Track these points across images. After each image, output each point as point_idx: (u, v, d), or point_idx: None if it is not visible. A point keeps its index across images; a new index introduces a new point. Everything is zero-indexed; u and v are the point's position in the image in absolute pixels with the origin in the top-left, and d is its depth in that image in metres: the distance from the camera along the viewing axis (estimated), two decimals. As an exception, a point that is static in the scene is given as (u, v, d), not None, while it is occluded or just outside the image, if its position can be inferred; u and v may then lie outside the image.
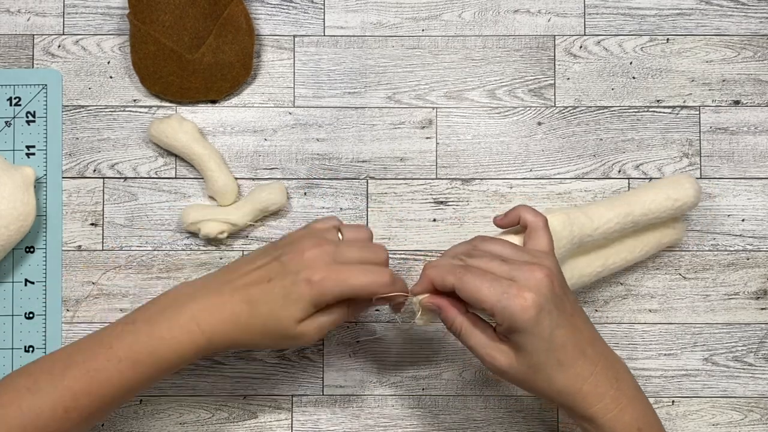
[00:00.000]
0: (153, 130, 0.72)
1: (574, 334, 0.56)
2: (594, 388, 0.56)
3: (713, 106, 0.74)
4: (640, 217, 0.68)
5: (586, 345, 0.56)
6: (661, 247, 0.71)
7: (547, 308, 0.54)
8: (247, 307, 0.58)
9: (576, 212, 0.66)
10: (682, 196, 0.68)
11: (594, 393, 0.56)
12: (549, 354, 0.55)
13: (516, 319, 0.54)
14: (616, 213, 0.67)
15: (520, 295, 0.54)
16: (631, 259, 0.70)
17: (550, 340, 0.55)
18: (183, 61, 0.72)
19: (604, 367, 0.57)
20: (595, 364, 0.56)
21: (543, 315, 0.54)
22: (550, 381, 0.56)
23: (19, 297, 0.72)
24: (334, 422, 0.72)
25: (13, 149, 0.73)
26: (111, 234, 0.73)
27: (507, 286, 0.54)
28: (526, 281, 0.54)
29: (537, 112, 0.74)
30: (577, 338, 0.56)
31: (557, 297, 0.55)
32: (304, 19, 0.74)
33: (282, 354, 0.72)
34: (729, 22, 0.74)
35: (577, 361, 0.56)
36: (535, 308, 0.54)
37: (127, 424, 0.71)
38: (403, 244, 0.73)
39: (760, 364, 0.72)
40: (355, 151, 0.73)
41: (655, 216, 0.68)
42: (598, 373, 0.56)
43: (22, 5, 0.74)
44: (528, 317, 0.54)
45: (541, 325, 0.54)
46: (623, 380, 0.58)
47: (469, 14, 0.74)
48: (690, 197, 0.68)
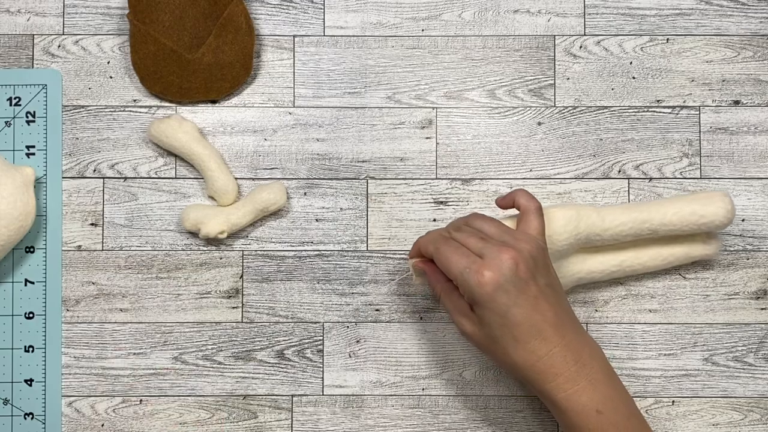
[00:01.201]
0: (153, 130, 0.72)
1: (533, 314, 0.59)
2: (548, 367, 0.59)
3: (713, 106, 0.74)
4: (659, 227, 0.67)
5: (547, 326, 0.59)
6: (690, 260, 0.70)
7: (504, 287, 0.58)
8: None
9: (588, 209, 0.67)
10: (709, 213, 0.66)
11: (548, 371, 0.59)
12: (504, 329, 0.59)
13: (473, 293, 0.59)
14: (631, 218, 0.67)
15: (479, 272, 0.59)
16: (653, 266, 0.70)
17: (505, 316, 0.59)
18: (183, 61, 0.72)
19: (564, 349, 0.59)
20: (553, 345, 0.59)
21: (499, 293, 0.58)
22: (506, 354, 0.60)
23: (19, 297, 0.72)
24: (334, 422, 0.72)
25: (13, 149, 0.73)
26: (111, 234, 0.73)
27: (471, 262, 0.59)
28: (491, 260, 0.59)
29: (537, 112, 0.74)
30: (536, 319, 0.59)
31: (519, 279, 0.59)
32: (304, 19, 0.74)
33: (282, 354, 0.72)
34: (729, 22, 0.74)
35: (532, 340, 0.59)
36: (491, 285, 0.58)
37: (127, 424, 0.71)
38: (403, 244, 0.73)
39: (760, 364, 0.72)
40: (355, 151, 0.73)
41: (677, 229, 0.67)
42: (555, 353, 0.59)
43: (22, 5, 0.74)
44: (483, 292, 0.59)
45: (496, 302, 0.59)
46: (586, 364, 0.60)
47: (469, 14, 0.74)
48: (719, 216, 0.66)
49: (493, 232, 0.62)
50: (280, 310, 0.72)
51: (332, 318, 0.72)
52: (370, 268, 0.72)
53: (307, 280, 0.72)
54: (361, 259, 0.72)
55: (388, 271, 0.72)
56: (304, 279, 0.72)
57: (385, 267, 0.72)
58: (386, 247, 0.73)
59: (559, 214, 0.66)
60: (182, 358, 0.72)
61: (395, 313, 0.72)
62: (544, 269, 0.61)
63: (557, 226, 0.65)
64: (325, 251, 0.73)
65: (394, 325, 0.72)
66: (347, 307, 0.72)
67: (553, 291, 0.61)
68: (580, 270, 0.68)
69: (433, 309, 0.72)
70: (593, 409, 0.59)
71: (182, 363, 0.72)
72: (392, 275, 0.72)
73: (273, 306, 0.72)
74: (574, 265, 0.69)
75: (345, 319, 0.72)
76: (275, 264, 0.72)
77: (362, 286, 0.72)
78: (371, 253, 0.73)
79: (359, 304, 0.72)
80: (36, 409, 0.71)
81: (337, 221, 0.73)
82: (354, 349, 0.72)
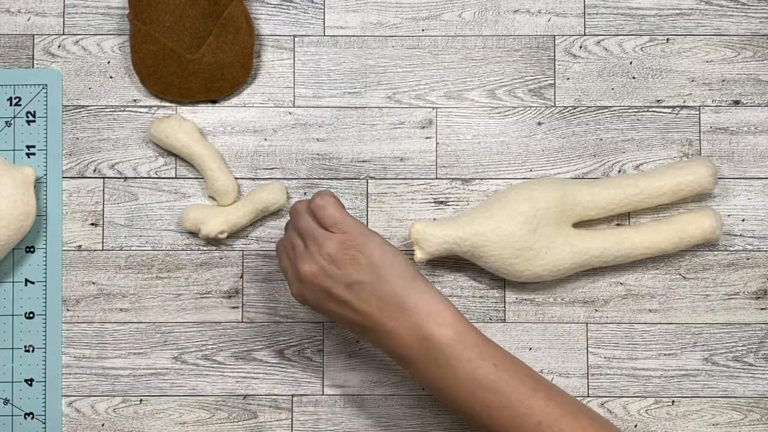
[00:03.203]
0: (153, 130, 0.72)
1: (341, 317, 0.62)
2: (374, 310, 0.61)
3: (713, 106, 0.74)
4: (644, 188, 0.69)
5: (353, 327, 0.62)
6: (694, 239, 0.70)
7: (305, 296, 0.63)
8: None
9: (573, 181, 0.70)
10: (693, 170, 0.70)
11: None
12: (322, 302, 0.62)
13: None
14: (616, 182, 0.70)
15: (291, 283, 0.63)
16: (653, 247, 0.70)
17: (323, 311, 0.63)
18: (183, 61, 0.72)
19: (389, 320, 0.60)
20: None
21: (304, 298, 0.63)
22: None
23: (19, 297, 0.72)
24: (334, 422, 0.72)
25: (13, 149, 0.73)
26: (111, 234, 0.73)
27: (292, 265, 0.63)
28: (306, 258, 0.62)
29: (537, 112, 0.74)
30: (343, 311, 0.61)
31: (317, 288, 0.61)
32: (304, 19, 0.74)
33: (282, 354, 0.72)
34: (729, 22, 0.74)
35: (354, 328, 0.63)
36: (297, 296, 0.63)
37: (127, 424, 0.71)
38: (403, 244, 0.72)
39: (760, 364, 0.72)
40: (355, 151, 0.73)
41: (663, 188, 0.69)
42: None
43: (22, 5, 0.74)
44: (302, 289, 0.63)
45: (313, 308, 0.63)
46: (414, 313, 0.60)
47: (469, 14, 0.74)
48: (704, 175, 0.69)
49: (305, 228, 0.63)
50: (280, 310, 0.72)
51: (332, 318, 0.72)
52: (370, 268, 0.72)
53: (307, 280, 0.72)
54: (361, 259, 0.72)
55: (388, 271, 0.72)
56: (304, 279, 0.72)
57: (385, 267, 0.72)
58: (386, 247, 0.73)
59: (542, 185, 0.69)
60: (182, 358, 0.72)
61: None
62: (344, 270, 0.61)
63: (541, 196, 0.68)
64: (325, 251, 0.72)
65: (394, 325, 0.72)
66: (347, 307, 0.72)
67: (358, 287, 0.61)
68: (578, 251, 0.68)
69: (433, 309, 0.72)
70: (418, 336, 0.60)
71: (182, 363, 0.72)
72: None
73: (273, 306, 0.72)
74: (571, 246, 0.68)
75: (345, 319, 0.72)
76: (275, 264, 0.72)
77: (362, 286, 0.72)
78: (371, 253, 0.72)
79: (359, 304, 0.72)
80: (36, 409, 0.71)
81: (337, 221, 0.73)
82: (354, 349, 0.72)
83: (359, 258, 0.61)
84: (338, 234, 0.61)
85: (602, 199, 0.69)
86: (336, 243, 0.61)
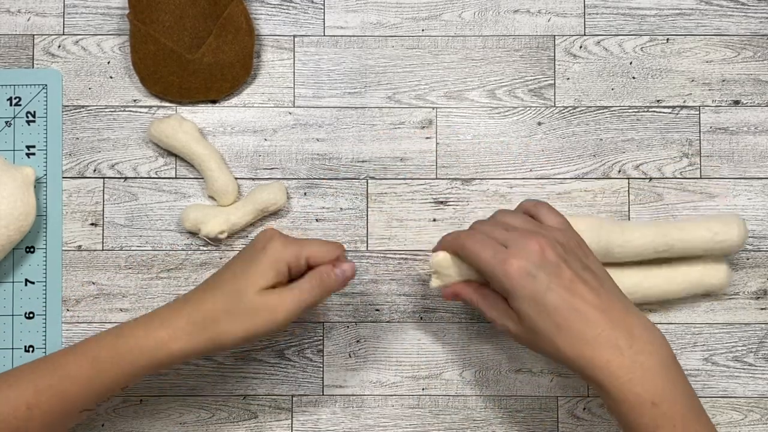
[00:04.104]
0: (153, 130, 0.72)
1: (571, 298, 0.57)
2: (598, 353, 0.56)
3: (713, 106, 0.74)
4: (676, 242, 0.67)
5: (589, 308, 0.56)
6: (703, 288, 0.70)
7: (533, 273, 0.57)
8: (210, 287, 0.61)
9: (610, 221, 0.68)
10: (723, 231, 0.68)
11: (598, 357, 0.56)
12: (544, 317, 0.57)
13: (502, 284, 0.58)
14: (651, 231, 0.67)
15: (506, 261, 0.57)
16: (669, 291, 0.69)
17: (542, 303, 0.57)
18: (183, 61, 0.72)
19: (612, 330, 0.56)
20: (600, 328, 0.56)
21: (528, 280, 0.57)
22: (552, 344, 0.57)
23: (19, 297, 0.72)
24: (334, 422, 0.72)
25: (13, 149, 0.73)
26: (111, 234, 0.73)
27: (497, 252, 0.58)
28: (516, 248, 0.58)
29: (537, 112, 0.74)
30: (575, 302, 0.56)
31: (550, 263, 0.57)
32: (304, 19, 0.74)
33: (282, 354, 0.72)
34: (729, 22, 0.74)
35: (575, 324, 0.56)
36: (519, 273, 0.57)
37: (127, 424, 0.71)
38: (403, 244, 0.73)
39: (760, 364, 0.72)
40: (355, 151, 0.73)
41: (693, 246, 0.68)
42: (603, 336, 0.56)
43: (22, 5, 0.74)
44: (512, 281, 0.57)
45: (527, 289, 0.57)
46: (641, 350, 0.56)
47: (469, 14, 0.74)
48: (733, 236, 0.68)
49: (518, 223, 0.61)
50: (280, 310, 0.72)
51: (332, 318, 0.72)
52: (370, 268, 0.72)
53: (307, 280, 0.72)
54: (361, 259, 0.72)
55: (388, 271, 0.72)
56: (304, 279, 0.72)
57: (385, 267, 0.72)
58: (386, 247, 0.73)
59: (581, 222, 0.66)
60: (182, 358, 0.72)
61: (395, 313, 0.72)
62: (575, 253, 0.59)
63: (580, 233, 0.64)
64: (325, 251, 0.73)
65: (394, 325, 0.72)
66: (347, 307, 0.72)
67: (591, 274, 0.59)
68: None
69: (433, 309, 0.72)
70: (648, 401, 0.55)
71: (183, 363, 0.72)
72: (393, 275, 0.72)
73: (273, 306, 0.72)
74: None
75: (345, 319, 0.72)
76: (275, 264, 0.72)
77: (362, 286, 0.72)
78: (371, 253, 0.73)
79: (359, 304, 0.72)
80: (36, 409, 0.71)
81: (337, 221, 0.73)
82: (354, 349, 0.72)
83: (589, 254, 0.60)
84: (563, 228, 0.61)
85: (632, 249, 0.67)
86: (567, 235, 0.60)
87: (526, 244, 0.58)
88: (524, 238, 0.58)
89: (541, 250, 0.58)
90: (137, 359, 0.59)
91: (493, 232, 0.60)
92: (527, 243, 0.58)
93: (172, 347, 0.59)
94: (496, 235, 0.60)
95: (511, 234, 0.59)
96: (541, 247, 0.58)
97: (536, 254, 0.57)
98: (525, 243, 0.58)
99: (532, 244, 0.58)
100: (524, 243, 0.58)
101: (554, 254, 0.58)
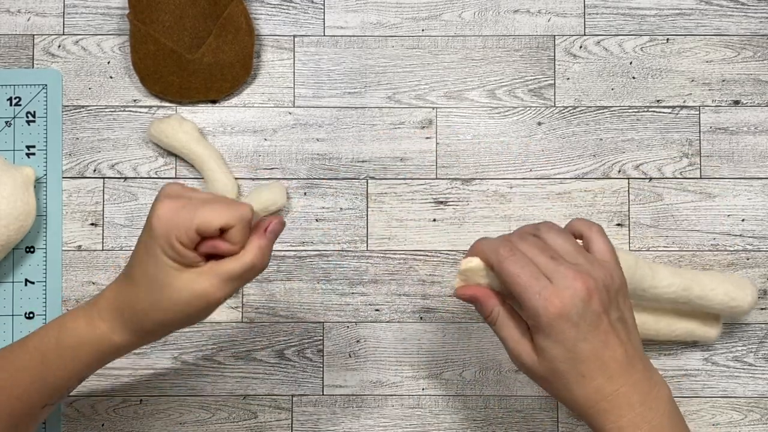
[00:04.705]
0: (153, 130, 0.72)
1: (603, 351, 0.53)
2: (612, 407, 0.54)
3: (713, 106, 0.74)
4: (695, 299, 0.67)
5: (615, 365, 0.54)
6: (693, 338, 0.70)
7: (574, 320, 0.52)
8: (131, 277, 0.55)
9: (643, 261, 0.66)
10: (739, 297, 0.67)
11: (612, 411, 0.54)
12: (570, 364, 0.53)
13: (540, 321, 0.53)
14: (677, 282, 0.66)
15: (550, 300, 0.52)
16: (662, 335, 0.69)
17: (573, 350, 0.53)
18: (183, 61, 0.72)
19: (631, 389, 0.54)
20: (620, 384, 0.54)
21: (567, 325, 0.52)
22: (567, 389, 0.54)
23: (19, 297, 0.72)
24: (334, 422, 0.72)
25: (13, 149, 0.73)
26: (111, 234, 0.73)
27: (542, 287, 0.53)
28: (563, 287, 0.53)
29: (537, 112, 0.74)
30: (604, 356, 0.54)
31: (591, 312, 0.53)
32: (304, 19, 0.74)
33: (282, 354, 0.72)
34: (729, 22, 0.74)
35: (599, 377, 0.54)
36: (560, 317, 0.52)
37: (127, 424, 0.71)
38: (403, 244, 0.73)
39: (760, 364, 0.72)
40: (355, 151, 0.73)
41: (708, 305, 0.67)
42: (621, 393, 0.54)
43: (22, 5, 0.74)
44: (550, 323, 0.53)
45: (564, 334, 0.53)
46: (652, 408, 0.54)
47: (469, 14, 0.74)
48: (746, 303, 0.67)
49: (566, 251, 0.55)
50: (280, 310, 0.72)
51: (332, 318, 0.72)
52: (370, 268, 0.72)
53: (307, 280, 0.72)
54: (361, 259, 0.72)
55: (388, 271, 0.72)
56: (304, 279, 0.72)
57: (385, 267, 0.72)
58: (386, 247, 0.73)
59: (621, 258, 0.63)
60: (182, 358, 0.72)
61: (395, 313, 0.72)
62: (617, 300, 0.55)
63: None
64: (325, 251, 0.73)
65: (394, 325, 0.72)
66: (347, 307, 0.72)
67: (624, 326, 0.55)
68: None
69: (433, 309, 0.72)
70: None
71: (182, 363, 0.72)
72: (393, 275, 0.72)
73: (273, 306, 0.72)
74: None
75: (345, 319, 0.72)
76: (275, 264, 0.72)
77: (362, 286, 0.72)
78: (371, 253, 0.73)
79: (359, 304, 0.72)
80: (36, 409, 0.71)
81: (337, 221, 0.73)
82: (354, 349, 0.72)
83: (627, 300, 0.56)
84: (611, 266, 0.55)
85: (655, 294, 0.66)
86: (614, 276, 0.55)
87: (574, 284, 0.53)
88: (573, 276, 0.53)
89: (588, 296, 0.53)
90: (83, 354, 0.56)
91: (537, 256, 0.54)
92: (575, 283, 0.53)
93: (115, 339, 0.56)
94: (541, 262, 0.54)
95: (558, 266, 0.53)
96: (589, 292, 0.53)
97: (582, 300, 0.52)
98: (573, 283, 0.53)
99: (579, 286, 0.53)
100: (572, 283, 0.53)
101: (599, 303, 0.53)
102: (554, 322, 0.52)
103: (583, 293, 0.52)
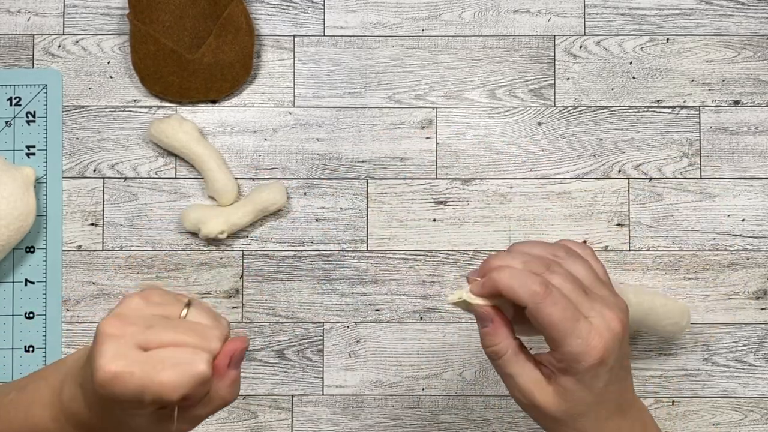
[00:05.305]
0: (153, 130, 0.72)
1: (623, 393, 0.51)
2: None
3: (713, 106, 0.74)
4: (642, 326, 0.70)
5: (626, 403, 0.51)
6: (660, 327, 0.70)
7: (609, 364, 0.48)
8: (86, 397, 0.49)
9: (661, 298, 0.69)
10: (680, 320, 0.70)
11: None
12: (594, 407, 0.49)
13: (578, 367, 0.48)
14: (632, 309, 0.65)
15: (593, 345, 0.47)
16: None
17: (602, 393, 0.49)
18: (183, 61, 0.72)
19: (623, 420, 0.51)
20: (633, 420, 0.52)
21: (603, 370, 0.48)
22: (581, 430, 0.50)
23: (19, 297, 0.72)
24: (334, 422, 0.72)
25: (13, 149, 0.73)
26: (111, 234, 0.73)
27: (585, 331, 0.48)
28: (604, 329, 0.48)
29: (537, 112, 0.74)
30: (624, 397, 0.51)
31: (622, 352, 0.49)
32: (304, 19, 0.74)
33: (282, 354, 0.72)
34: (729, 22, 0.74)
35: (616, 417, 0.50)
36: (602, 363, 0.48)
37: (127, 424, 0.71)
38: (403, 244, 0.73)
39: (760, 364, 0.72)
40: (355, 151, 0.73)
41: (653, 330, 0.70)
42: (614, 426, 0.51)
43: (22, 5, 0.74)
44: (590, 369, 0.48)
45: (598, 378, 0.48)
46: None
47: (469, 14, 0.74)
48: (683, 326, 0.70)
49: (590, 281, 0.51)
50: (280, 310, 0.72)
51: (332, 318, 0.72)
52: (370, 268, 0.72)
53: (307, 280, 0.72)
54: (361, 259, 0.72)
55: (388, 271, 0.72)
56: (304, 279, 0.72)
57: (385, 267, 0.72)
58: (386, 247, 0.73)
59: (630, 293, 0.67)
60: (182, 358, 0.72)
61: (395, 313, 0.72)
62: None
63: None
64: (325, 251, 0.73)
65: (394, 325, 0.72)
66: (347, 307, 0.72)
67: (628, 360, 0.52)
68: None
69: (433, 309, 0.72)
70: None
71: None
72: (393, 275, 0.72)
73: (273, 306, 0.72)
74: None
75: (345, 319, 0.72)
76: (275, 264, 0.72)
77: (362, 286, 0.72)
78: (371, 253, 0.73)
79: (359, 304, 0.72)
80: (36, 409, 0.71)
81: (337, 221, 0.73)
82: (354, 349, 0.72)
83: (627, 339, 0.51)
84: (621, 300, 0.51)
85: None
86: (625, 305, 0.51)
87: (613, 325, 0.48)
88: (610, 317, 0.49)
89: (623, 332, 0.49)
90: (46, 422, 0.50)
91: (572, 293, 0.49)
92: (613, 324, 0.48)
93: None
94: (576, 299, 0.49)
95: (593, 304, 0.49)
96: (623, 327, 0.49)
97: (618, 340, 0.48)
98: (612, 324, 0.48)
99: (617, 326, 0.48)
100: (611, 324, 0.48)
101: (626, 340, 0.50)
102: (595, 368, 0.48)
103: (619, 330, 0.49)
